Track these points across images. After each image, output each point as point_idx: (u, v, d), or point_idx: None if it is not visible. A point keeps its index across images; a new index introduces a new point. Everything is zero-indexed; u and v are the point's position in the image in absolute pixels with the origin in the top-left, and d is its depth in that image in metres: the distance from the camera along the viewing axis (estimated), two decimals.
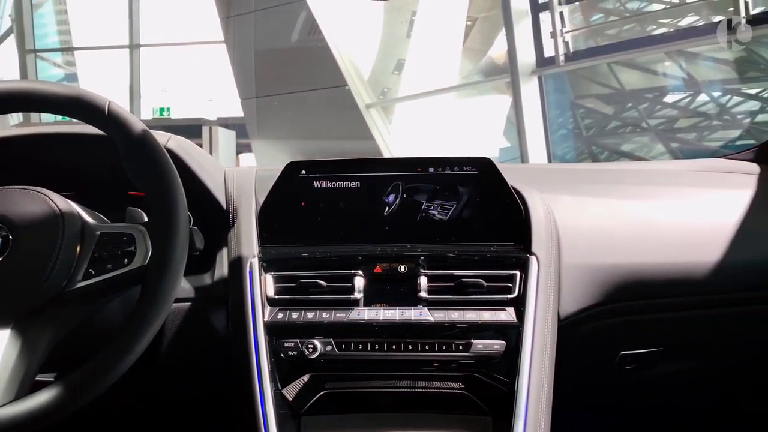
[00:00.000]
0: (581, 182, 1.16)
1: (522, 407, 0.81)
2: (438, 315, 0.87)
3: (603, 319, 0.99)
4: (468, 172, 0.95)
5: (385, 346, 0.86)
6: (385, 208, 0.96)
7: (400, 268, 0.90)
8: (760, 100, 5.44)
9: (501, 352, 0.85)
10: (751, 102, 5.48)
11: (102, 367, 0.72)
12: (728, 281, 1.01)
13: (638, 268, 0.98)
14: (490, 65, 7.96)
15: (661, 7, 6.01)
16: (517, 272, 0.89)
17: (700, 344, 1.14)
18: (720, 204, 1.08)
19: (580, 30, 6.02)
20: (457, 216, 0.95)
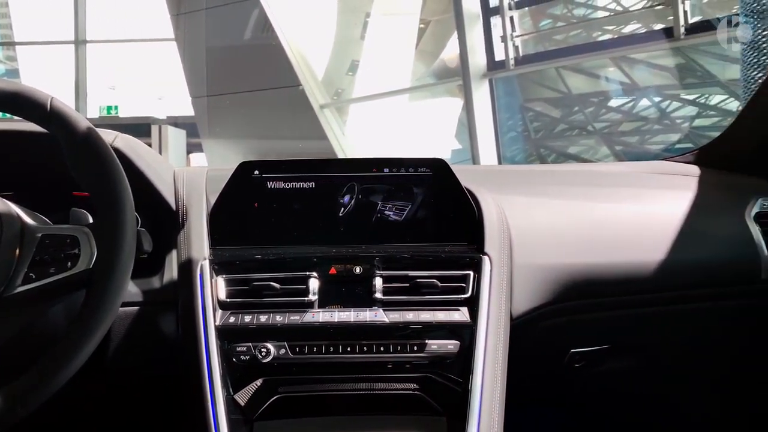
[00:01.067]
0: (532, 183, 1.18)
1: (476, 406, 0.82)
2: (393, 316, 0.87)
3: (553, 317, 1.00)
4: (422, 173, 0.96)
5: (340, 349, 0.85)
6: (340, 208, 0.95)
7: (356, 269, 0.90)
8: (698, 106, 5.69)
9: (455, 352, 0.86)
10: (690, 107, 5.72)
11: (44, 375, 0.69)
12: (671, 280, 1.04)
13: (587, 268, 1.01)
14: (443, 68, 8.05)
15: (606, 14, 6.20)
16: (471, 272, 0.90)
17: (645, 341, 1.18)
18: (664, 205, 1.12)
19: (529, 34, 6.16)
20: (412, 217, 0.95)
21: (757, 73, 2.13)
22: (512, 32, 5.83)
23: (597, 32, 6.19)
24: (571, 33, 6.42)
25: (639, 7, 5.81)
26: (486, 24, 5.98)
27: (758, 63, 2.12)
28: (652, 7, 5.45)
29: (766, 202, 1.11)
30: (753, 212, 1.10)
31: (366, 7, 8.05)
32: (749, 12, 2.16)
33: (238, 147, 8.18)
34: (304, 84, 7.81)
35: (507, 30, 5.80)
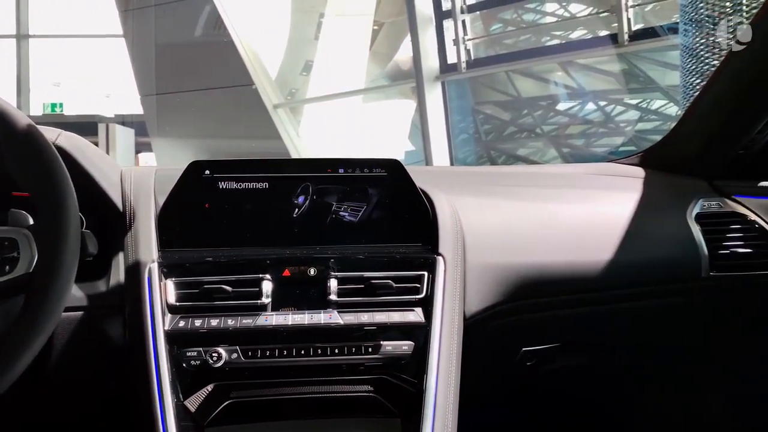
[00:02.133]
0: (485, 184, 1.19)
1: (430, 407, 0.82)
2: (348, 318, 0.86)
3: (506, 317, 1.02)
4: (377, 173, 0.95)
5: (294, 352, 0.84)
6: (295, 209, 0.94)
7: (310, 271, 0.89)
8: (640, 110, 5.90)
9: (409, 353, 0.86)
10: (633, 111, 5.92)
11: None
12: (617, 278, 1.07)
13: (537, 267, 1.02)
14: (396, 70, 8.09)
15: (554, 20, 6.36)
16: (425, 273, 0.90)
17: (594, 339, 1.21)
18: (610, 205, 1.15)
19: (480, 38, 6.25)
20: (367, 217, 0.94)
21: (696, 80, 2.22)
22: (464, 36, 5.91)
23: (545, 37, 6.35)
24: (521, 38, 6.55)
25: (585, 13, 5.98)
26: (438, 27, 6.04)
27: (696, 70, 2.21)
28: (597, 14, 5.62)
29: (706, 203, 1.16)
30: (694, 213, 1.15)
31: (320, 8, 8.02)
32: (688, 21, 2.25)
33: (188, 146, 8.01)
34: (258, 83, 7.72)
35: (459, 33, 5.87)
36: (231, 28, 7.61)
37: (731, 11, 2.12)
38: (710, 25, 2.16)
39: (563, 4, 6.23)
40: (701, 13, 2.19)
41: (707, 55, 2.17)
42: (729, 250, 1.12)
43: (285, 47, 8.21)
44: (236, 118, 7.91)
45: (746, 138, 1.16)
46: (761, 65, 1.06)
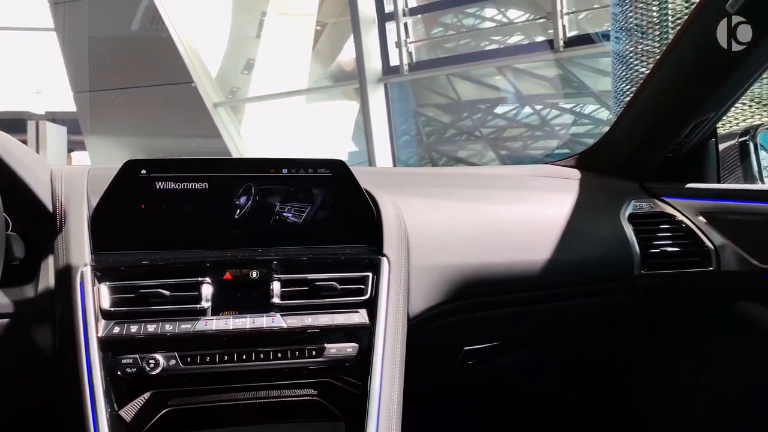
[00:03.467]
0: (427, 185, 1.20)
1: (374, 408, 0.82)
2: (291, 321, 0.85)
3: (448, 317, 1.03)
4: (321, 174, 0.94)
5: (235, 357, 0.82)
6: (236, 210, 0.91)
7: (252, 273, 0.87)
8: (574, 114, 6.11)
9: (354, 355, 0.85)
10: (567, 115, 6.13)
11: None
12: (556, 277, 1.10)
13: (478, 267, 1.04)
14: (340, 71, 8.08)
15: (493, 25, 6.50)
16: (370, 274, 0.90)
17: (533, 337, 1.24)
18: (548, 206, 1.18)
19: (422, 41, 6.32)
20: (311, 218, 0.93)
21: (626, 86, 2.32)
22: (406, 38, 5.96)
23: (485, 42, 6.48)
24: (461, 42, 6.67)
25: (523, 19, 6.15)
26: (381, 29, 6.07)
27: (627, 77, 2.31)
28: (534, 20, 5.79)
29: (637, 204, 1.21)
30: (626, 213, 1.19)
31: (261, 6, 7.91)
32: (619, 29, 2.35)
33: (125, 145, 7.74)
34: (197, 81, 7.55)
35: (401, 36, 5.92)
36: (169, 23, 7.40)
37: (658, 21, 2.22)
38: (639, 33, 2.26)
39: (502, 9, 6.38)
40: (631, 22, 2.29)
41: (636, 63, 2.27)
42: (659, 249, 1.17)
43: (226, 45, 8.06)
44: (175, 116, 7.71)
45: (674, 142, 1.21)
46: (686, 74, 1.11)
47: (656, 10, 2.22)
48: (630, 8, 2.29)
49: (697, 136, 1.22)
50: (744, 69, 1.06)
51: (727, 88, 1.10)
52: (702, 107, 1.14)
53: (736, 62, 1.04)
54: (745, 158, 1.25)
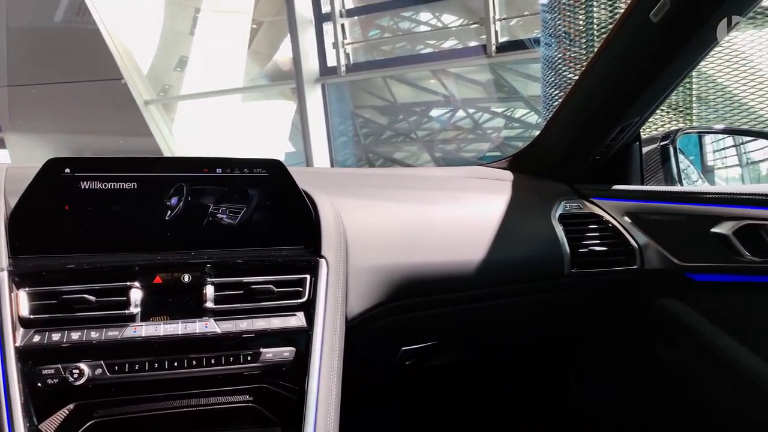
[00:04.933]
0: (365, 186, 1.20)
1: (311, 413, 0.80)
2: (225, 326, 0.82)
3: (386, 317, 1.03)
4: (258, 174, 0.92)
5: (166, 364, 0.79)
6: (167, 212, 0.88)
7: (184, 277, 0.83)
8: (506, 118, 6.28)
9: (290, 359, 0.83)
10: (498, 119, 6.30)
11: None
12: (491, 277, 1.12)
13: (416, 268, 1.04)
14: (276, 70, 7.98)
15: (428, 29, 6.59)
16: (308, 276, 0.88)
17: (469, 335, 1.26)
18: (483, 207, 1.20)
19: (359, 43, 6.34)
20: (247, 220, 0.91)
21: (555, 91, 2.40)
22: (343, 39, 5.95)
23: (420, 45, 6.57)
24: (397, 45, 6.73)
25: (457, 24, 6.26)
26: (318, 30, 6.04)
27: (555, 82, 2.39)
28: (468, 25, 5.90)
29: (567, 205, 1.25)
30: (557, 214, 1.23)
31: (195, 2, 7.71)
32: (549, 36, 2.43)
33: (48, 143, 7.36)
34: (127, 77, 7.27)
35: (338, 37, 5.91)
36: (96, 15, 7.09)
37: (584, 29, 2.31)
38: (567, 41, 2.35)
39: (436, 14, 6.48)
40: (559, 29, 2.37)
41: (565, 69, 2.35)
42: (587, 249, 1.21)
43: (158, 41, 7.80)
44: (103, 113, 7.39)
45: (601, 145, 1.26)
46: (612, 80, 1.16)
47: (582, 18, 2.31)
48: (558, 16, 2.37)
49: (622, 139, 1.27)
50: (665, 76, 1.11)
51: (650, 94, 1.15)
52: (627, 112, 1.19)
53: (659, 70, 1.09)
54: (666, 161, 1.32)
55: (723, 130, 1.60)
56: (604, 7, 2.27)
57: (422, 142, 6.59)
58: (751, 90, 2.09)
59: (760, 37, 2.05)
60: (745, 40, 2.08)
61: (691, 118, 2.21)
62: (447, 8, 6.27)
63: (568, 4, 2.33)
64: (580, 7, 2.31)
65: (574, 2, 2.32)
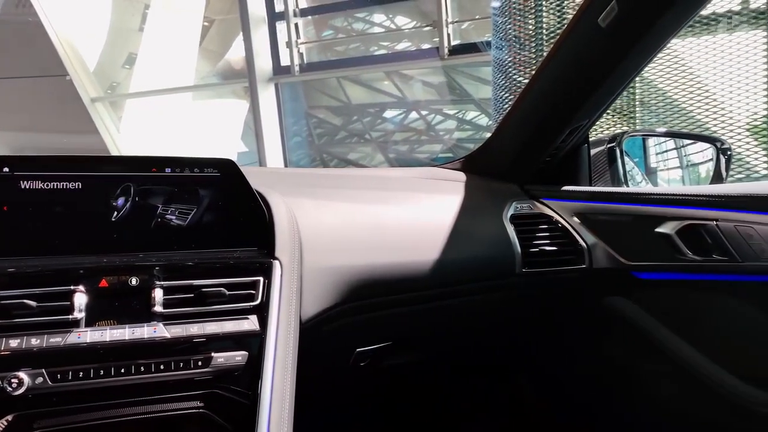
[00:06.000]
0: (320, 186, 1.19)
1: (264, 418, 0.79)
2: (175, 330, 0.80)
3: (340, 319, 1.02)
4: (209, 173, 0.90)
5: (112, 371, 0.76)
6: (113, 213, 0.85)
7: (131, 280, 0.80)
8: (457, 120, 6.36)
9: (243, 364, 0.81)
10: (450, 121, 6.38)
11: None
12: (444, 277, 1.12)
13: (370, 269, 1.04)
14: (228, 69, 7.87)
15: (382, 30, 6.61)
16: (261, 278, 0.86)
17: (423, 336, 1.26)
18: (437, 208, 1.21)
19: (313, 43, 6.30)
20: (197, 221, 0.88)
21: (506, 94, 2.44)
22: (297, 39, 5.91)
23: (374, 47, 6.58)
24: (351, 45, 6.73)
25: (410, 26, 6.31)
26: (271, 28, 5.98)
27: (506, 86, 2.43)
28: (421, 27, 5.95)
29: (518, 205, 1.27)
30: (508, 214, 1.25)
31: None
32: (500, 39, 2.47)
33: None
34: (72, 74, 7.02)
35: (292, 36, 5.86)
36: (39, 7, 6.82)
37: (534, 34, 2.36)
38: (517, 45, 2.39)
39: (390, 16, 6.50)
40: (510, 33, 2.41)
41: (515, 73, 2.40)
42: (538, 248, 1.23)
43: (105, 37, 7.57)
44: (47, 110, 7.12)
45: (551, 147, 1.29)
46: (562, 84, 1.18)
47: (532, 23, 2.36)
48: (509, 20, 2.41)
49: (571, 142, 1.30)
50: (613, 80, 1.14)
51: (598, 97, 1.18)
52: (576, 115, 1.21)
53: (606, 74, 1.12)
54: (613, 163, 1.36)
55: (665, 133, 1.66)
56: (552, 12, 2.32)
57: (376, 142, 6.61)
58: (689, 95, 2.17)
59: (698, 45, 2.14)
60: (684, 47, 2.16)
61: (635, 122, 2.29)
62: (400, 10, 6.30)
63: (518, 8, 2.37)
64: (529, 12, 2.35)
65: (523, 6, 2.36)
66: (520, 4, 2.36)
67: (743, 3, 2.10)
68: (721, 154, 1.43)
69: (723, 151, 1.43)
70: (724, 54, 2.12)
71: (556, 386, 1.50)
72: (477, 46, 5.06)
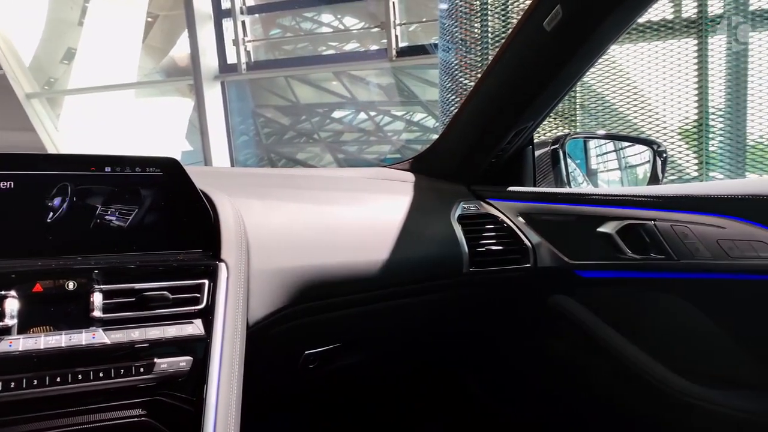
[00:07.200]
0: (267, 186, 1.17)
1: (210, 425, 0.76)
2: (115, 336, 0.76)
3: (289, 321, 1.01)
4: (151, 173, 0.87)
5: (47, 380, 0.72)
6: (49, 213, 0.81)
7: (68, 284, 0.77)
8: (405, 121, 6.41)
9: (187, 369, 0.79)
10: (398, 122, 6.42)
11: None
12: (394, 277, 1.13)
13: (319, 269, 1.03)
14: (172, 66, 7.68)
15: (330, 30, 6.59)
16: (206, 281, 0.84)
17: (372, 336, 1.26)
18: (386, 208, 1.21)
19: (260, 41, 6.22)
20: (139, 222, 0.85)
21: (452, 97, 2.47)
22: (244, 37, 5.82)
23: (322, 47, 6.55)
24: (299, 45, 6.67)
25: (359, 27, 6.31)
26: (218, 26, 5.86)
27: (452, 88, 2.47)
28: (369, 28, 5.96)
29: (465, 206, 1.29)
30: (456, 214, 1.26)
31: None
32: (447, 42, 2.50)
33: None
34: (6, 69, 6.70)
35: (239, 34, 5.77)
36: None
37: (480, 37, 2.40)
38: (464, 48, 2.43)
39: (338, 16, 6.49)
40: (456, 36, 2.45)
41: (461, 76, 2.43)
42: (485, 248, 1.25)
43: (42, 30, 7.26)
44: None
45: (497, 148, 1.31)
46: (507, 87, 1.21)
47: (478, 26, 2.40)
48: (455, 23, 2.44)
49: (517, 143, 1.33)
50: (558, 82, 1.17)
51: (543, 99, 1.21)
52: (521, 117, 1.24)
53: (551, 77, 1.15)
54: (556, 164, 1.39)
55: (605, 135, 1.71)
56: (498, 15, 2.37)
57: (325, 143, 6.58)
58: (625, 99, 2.26)
59: (634, 51, 2.23)
60: (621, 53, 2.25)
61: (575, 125, 2.36)
62: (349, 11, 6.30)
63: (465, 12, 2.41)
64: (475, 15, 2.39)
65: (469, 10, 2.40)
66: (466, 7, 2.40)
67: (675, 12, 2.20)
68: (658, 156, 1.49)
69: (659, 154, 1.49)
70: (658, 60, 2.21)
71: (503, 383, 1.52)
72: (425, 49, 5.10)
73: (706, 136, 2.17)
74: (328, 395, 1.40)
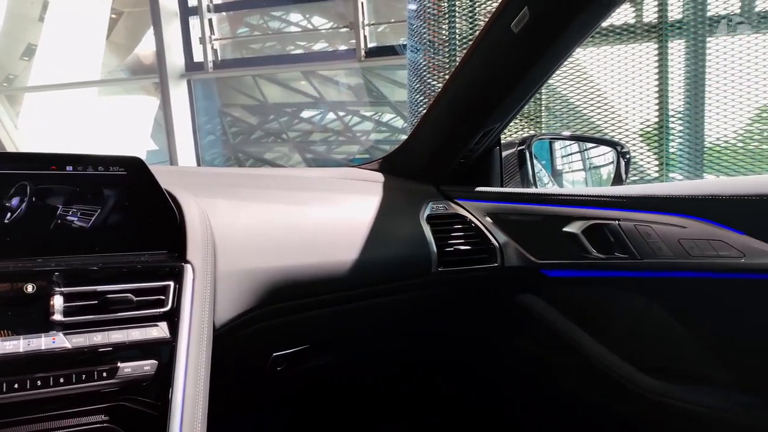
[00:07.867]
0: (235, 186, 1.16)
1: (176, 429, 0.75)
2: (77, 340, 0.75)
3: (256, 323, 0.99)
4: (114, 172, 0.85)
5: (4, 387, 0.70)
6: (7, 214, 0.79)
7: (27, 287, 0.75)
8: (374, 122, 6.42)
9: (152, 373, 0.77)
10: (367, 122, 6.43)
11: None
12: (363, 277, 1.13)
13: (287, 270, 1.02)
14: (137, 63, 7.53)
15: (298, 30, 6.55)
16: (171, 283, 0.82)
17: (341, 337, 1.26)
18: (355, 208, 1.21)
19: (227, 39, 6.15)
20: (102, 223, 0.84)
21: (420, 98, 2.49)
22: (211, 35, 5.74)
23: (290, 46, 6.51)
24: (267, 44, 6.62)
25: (327, 27, 6.29)
26: (184, 23, 5.77)
27: (421, 89, 2.48)
28: (338, 28, 5.95)
29: (434, 206, 1.30)
30: (425, 214, 1.27)
31: None
32: (415, 43, 2.51)
33: None
34: None
35: (206, 32, 5.69)
36: None
37: (448, 39, 2.42)
38: (432, 49, 2.44)
39: (307, 16, 6.45)
40: (425, 37, 2.46)
41: (429, 77, 2.45)
42: (453, 248, 1.26)
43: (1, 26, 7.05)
44: None
45: (465, 149, 1.32)
46: (475, 88, 1.21)
47: (446, 28, 2.42)
48: (424, 24, 2.46)
49: (485, 144, 1.34)
50: (525, 84, 1.18)
51: (510, 101, 1.22)
52: (489, 118, 1.25)
53: (518, 78, 1.16)
54: (523, 165, 1.41)
55: (570, 136, 1.74)
56: (465, 17, 2.39)
57: (293, 142, 6.53)
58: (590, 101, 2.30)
59: (597, 54, 2.27)
60: (585, 57, 2.29)
61: (541, 126, 2.40)
62: (317, 10, 6.27)
63: (433, 13, 2.42)
64: (443, 17, 2.41)
65: (437, 12, 2.41)
66: (434, 8, 2.41)
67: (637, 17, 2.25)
68: (621, 157, 1.52)
69: (623, 155, 1.52)
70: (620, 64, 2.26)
71: (471, 382, 1.53)
72: (393, 49, 5.11)
73: (666, 138, 2.23)
74: (298, 397, 1.39)
